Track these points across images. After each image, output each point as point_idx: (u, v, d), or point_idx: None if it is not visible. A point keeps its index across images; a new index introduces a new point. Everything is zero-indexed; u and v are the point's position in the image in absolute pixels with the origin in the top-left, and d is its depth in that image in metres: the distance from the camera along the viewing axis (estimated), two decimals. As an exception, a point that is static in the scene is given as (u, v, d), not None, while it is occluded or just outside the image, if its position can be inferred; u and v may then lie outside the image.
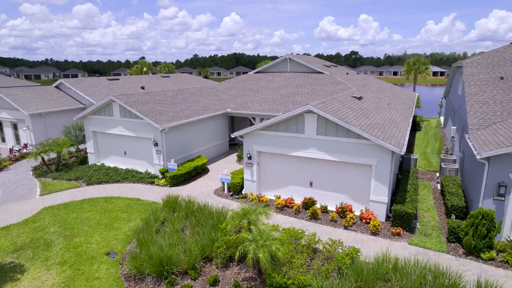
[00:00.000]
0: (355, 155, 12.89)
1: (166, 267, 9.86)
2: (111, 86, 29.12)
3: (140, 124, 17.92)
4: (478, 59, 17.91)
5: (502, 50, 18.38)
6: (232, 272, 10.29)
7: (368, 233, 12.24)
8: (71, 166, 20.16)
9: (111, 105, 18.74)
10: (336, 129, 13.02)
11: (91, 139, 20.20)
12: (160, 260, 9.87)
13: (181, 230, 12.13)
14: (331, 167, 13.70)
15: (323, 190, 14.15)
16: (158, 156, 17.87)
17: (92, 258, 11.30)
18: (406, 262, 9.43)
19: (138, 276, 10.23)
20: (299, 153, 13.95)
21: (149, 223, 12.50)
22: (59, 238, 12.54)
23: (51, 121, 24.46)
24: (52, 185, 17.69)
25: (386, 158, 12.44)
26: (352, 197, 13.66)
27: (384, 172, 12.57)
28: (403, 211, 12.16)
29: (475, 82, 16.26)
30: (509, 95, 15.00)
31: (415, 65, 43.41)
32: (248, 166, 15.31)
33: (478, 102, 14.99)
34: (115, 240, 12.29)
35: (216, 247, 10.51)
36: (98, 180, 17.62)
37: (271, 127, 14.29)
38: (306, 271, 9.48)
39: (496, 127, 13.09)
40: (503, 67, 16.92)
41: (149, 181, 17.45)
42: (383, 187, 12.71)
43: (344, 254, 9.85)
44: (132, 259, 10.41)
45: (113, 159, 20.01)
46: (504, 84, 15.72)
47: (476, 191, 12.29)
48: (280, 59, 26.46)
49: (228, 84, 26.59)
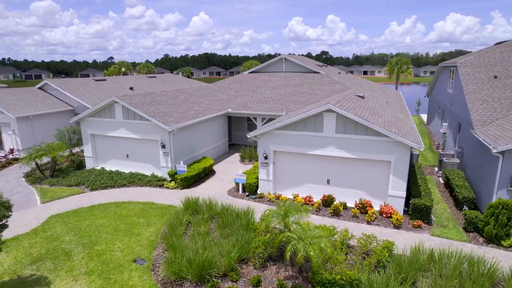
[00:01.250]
0: (374, 152, 13.31)
1: (207, 271, 9.70)
2: (99, 87, 27.95)
3: (145, 125, 17.41)
4: (471, 59, 19.04)
5: (490, 51, 19.65)
6: (271, 272, 10.31)
7: (391, 226, 12.70)
8: (67, 171, 19.18)
9: (112, 107, 18.05)
10: (356, 127, 13.38)
11: (88, 142, 19.34)
12: (200, 264, 9.70)
13: (208, 233, 11.97)
14: (348, 164, 14.05)
15: (340, 187, 14.48)
16: (165, 158, 17.44)
17: (120, 266, 10.88)
18: (441, 252, 9.91)
19: (175, 281, 9.98)
20: (317, 151, 14.19)
21: (174, 227, 12.21)
22: (78, 247, 11.95)
23: (39, 125, 23.11)
24: (52, 192, 16.76)
25: (404, 154, 12.95)
26: (369, 193, 14.08)
27: (403, 168, 13.08)
28: (422, 204, 12.73)
29: (471, 81, 17.29)
30: (504, 93, 16.10)
31: (397, 65, 45.43)
32: (264, 165, 15.34)
33: (478, 100, 15.97)
34: (139, 246, 11.90)
35: (254, 248, 10.48)
36: (103, 184, 16.93)
37: (289, 126, 14.42)
38: (348, 266, 9.70)
39: (500, 123, 14.02)
40: (494, 67, 18.11)
41: (158, 184, 17.00)
42: (401, 182, 13.22)
43: (381, 247, 10.17)
44: (168, 265, 10.15)
45: (113, 162, 19.27)
46: (498, 82, 16.84)
47: (487, 183, 13.09)
48: (275, 59, 26.64)
49: (224, 84, 26.40)
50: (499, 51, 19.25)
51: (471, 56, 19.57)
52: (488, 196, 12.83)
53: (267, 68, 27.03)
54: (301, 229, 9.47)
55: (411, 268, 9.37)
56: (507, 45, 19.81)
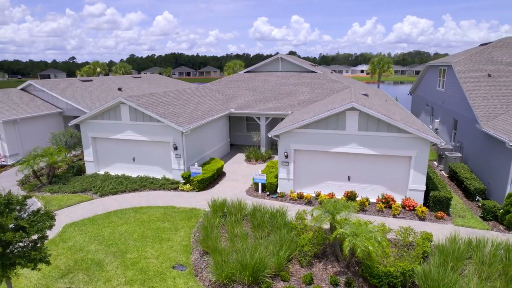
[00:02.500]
0: (395, 148, 13.82)
1: (262, 272, 9.61)
2: (87, 88, 26.53)
3: (155, 127, 16.82)
4: (463, 59, 20.31)
5: (479, 51, 21.07)
6: (318, 269, 10.41)
7: (416, 219, 13.27)
8: (66, 177, 18.05)
9: (118, 108, 17.25)
10: (378, 124, 13.82)
11: (90, 146, 18.34)
12: (255, 265, 9.58)
13: (246, 234, 11.83)
14: (370, 161, 14.48)
15: (361, 183, 14.88)
16: (177, 160, 16.96)
17: (159, 273, 10.47)
18: (478, 240, 10.52)
19: (226, 285, 9.78)
20: (339, 149, 14.48)
21: (207, 230, 11.93)
22: (108, 256, 11.34)
23: (26, 129, 21.53)
24: (57, 200, 15.72)
25: (425, 150, 13.58)
26: (389, 187, 14.60)
27: (423, 162, 13.71)
28: (442, 196, 13.43)
29: (469, 80, 18.46)
30: (500, 90, 17.36)
31: (379, 64, 47.41)
32: (284, 164, 15.40)
33: (478, 97, 17.08)
34: (173, 252, 11.51)
35: (301, 246, 10.52)
36: (113, 190, 16.14)
37: (310, 125, 14.58)
38: (396, 258, 10.03)
39: (504, 118, 15.11)
40: (486, 66, 19.46)
41: (172, 187, 16.49)
42: (421, 176, 13.85)
43: (422, 239, 10.62)
44: (218, 268, 9.92)
45: (117, 166, 18.42)
46: (493, 80, 18.12)
47: (498, 175, 14.05)
48: (271, 59, 26.76)
49: (221, 84, 26.09)
50: (488, 52, 20.70)
51: (462, 56, 20.88)
52: (500, 186, 13.78)
53: (263, 68, 27.09)
54: (353, 225, 9.65)
55: (453, 257, 9.87)
56: (493, 46, 21.35)
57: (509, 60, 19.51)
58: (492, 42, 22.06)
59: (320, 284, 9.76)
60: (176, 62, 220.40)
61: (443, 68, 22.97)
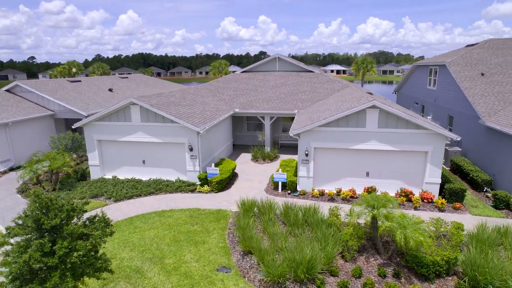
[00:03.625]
0: (413, 144, 14.45)
1: (315, 269, 9.71)
2: (77, 88, 25.21)
3: (169, 128, 16.38)
4: (456, 59, 21.58)
5: (468, 52, 22.46)
6: (362, 262, 10.69)
7: (436, 210, 13.97)
8: (69, 183, 17.07)
9: (128, 109, 16.62)
10: (397, 122, 14.38)
11: (95, 149, 17.50)
12: (309, 263, 9.67)
13: (286, 233, 11.88)
14: (388, 156, 15.03)
15: (379, 179, 15.40)
16: (193, 161, 16.63)
17: (205, 277, 10.27)
18: (505, 227, 11.29)
19: (277, 284, 9.79)
20: (359, 146, 14.90)
21: (244, 230, 11.84)
22: (145, 263, 10.94)
23: (17, 133, 20.09)
24: (68, 207, 14.86)
25: (441, 145, 14.32)
26: (406, 181, 15.23)
27: (439, 157, 14.45)
28: (458, 188, 14.24)
29: (464, 78, 19.66)
30: (495, 88, 18.66)
31: (363, 64, 49.00)
32: (304, 163, 15.60)
33: (476, 95, 18.25)
34: (213, 255, 11.32)
35: (345, 241, 10.75)
36: (128, 194, 15.52)
37: (331, 123, 14.88)
38: (436, 247, 10.52)
39: (504, 114, 16.27)
40: (477, 66, 20.82)
41: (189, 189, 16.14)
42: (437, 170, 14.59)
43: (455, 228, 11.22)
44: (268, 268, 9.89)
45: (126, 170, 17.72)
46: (486, 79, 19.43)
47: (504, 167, 15.10)
48: (268, 59, 26.87)
49: (219, 84, 25.81)
50: (476, 52, 22.14)
51: (455, 56, 22.17)
52: (507, 177, 14.84)
53: (260, 68, 27.14)
54: (398, 218, 10.01)
55: (488, 244, 10.54)
56: (480, 47, 22.86)
57: (497, 60, 21.01)
58: (478, 43, 23.62)
59: (369, 276, 10.03)
60: (145, 62, 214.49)
61: (434, 67, 24.27)
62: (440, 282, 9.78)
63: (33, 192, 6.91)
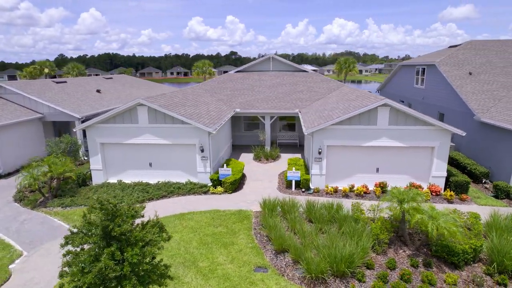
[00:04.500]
0: (421, 140, 15.16)
1: (354, 263, 9.96)
2: (64, 90, 23.90)
3: (179, 129, 16.03)
4: (444, 59, 22.83)
5: (454, 52, 23.82)
6: (392, 254, 11.07)
7: (445, 202, 14.73)
8: (70, 190, 16.21)
9: (134, 110, 16.07)
10: (406, 119, 15.02)
11: (98, 153, 16.74)
12: (349, 258, 9.90)
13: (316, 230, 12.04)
14: (397, 152, 15.65)
15: (388, 174, 15.99)
16: (203, 163, 16.38)
17: (245, 278, 10.21)
18: (516, 215, 12.15)
19: (317, 279, 9.93)
20: (370, 143, 15.40)
21: (273, 229, 11.88)
22: (178, 267, 10.69)
23: (4, 138, 18.74)
24: (78, 215, 14.12)
25: (446, 140, 15.14)
26: (413, 176, 15.93)
27: (445, 152, 15.26)
28: (463, 181, 15.13)
29: (455, 77, 20.86)
30: (483, 86, 19.96)
31: (345, 64, 50.28)
32: (317, 160, 15.86)
33: (468, 93, 19.44)
34: (246, 255, 11.26)
35: (376, 234, 11.09)
36: (140, 199, 15.01)
37: (343, 121, 15.26)
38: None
39: (497, 110, 17.46)
40: (464, 66, 22.15)
41: (201, 191, 15.88)
42: (443, 164, 15.41)
43: (473, 218, 11.93)
44: (309, 265, 10.01)
45: (131, 174, 17.11)
46: (474, 78, 20.74)
47: (501, 159, 16.21)
48: (262, 59, 26.95)
49: (213, 84, 25.53)
50: (461, 53, 23.55)
51: (442, 56, 23.45)
52: (503, 169, 15.95)
53: (254, 67, 27.16)
54: (429, 211, 10.50)
55: (507, 230, 11.30)
56: (463, 48, 24.34)
57: (481, 60, 22.48)
58: (461, 44, 25.13)
59: (403, 267, 10.43)
60: (111, 62, 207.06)
61: (421, 67, 25.52)
62: (468, 269, 10.37)
63: (96, 199, 6.57)
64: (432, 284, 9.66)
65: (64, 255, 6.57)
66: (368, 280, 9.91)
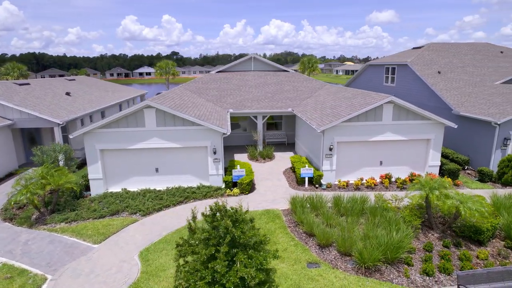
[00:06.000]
0: (420, 133, 16.61)
1: (403, 249, 10.66)
2: (32, 93, 21.23)
3: (190, 131, 15.42)
4: (414, 59, 25.08)
5: (420, 53, 26.29)
6: (423, 238, 12.05)
7: (444, 188, 16.32)
8: (68, 203, 14.59)
9: (141, 113, 15.06)
10: (407, 114, 16.33)
11: (97, 160, 15.34)
12: (400, 246, 10.56)
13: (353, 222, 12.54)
14: (398, 145, 16.92)
15: (391, 166, 17.21)
16: (216, 165, 15.96)
17: (303, 275, 10.30)
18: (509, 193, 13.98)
19: (371, 268, 10.44)
20: (376, 138, 16.44)
21: (311, 226, 12.15)
22: (231, 272, 10.39)
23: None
24: (92, 229, 12.80)
25: (441, 132, 16.79)
26: (412, 166, 17.37)
27: (439, 143, 16.90)
28: (455, 168, 16.93)
29: (427, 76, 23.08)
30: (452, 84, 22.41)
31: (309, 64, 51.77)
32: (328, 157, 16.46)
33: (442, 89, 21.66)
34: (293, 253, 11.32)
35: (409, 221, 11.96)
36: (156, 206, 14.14)
37: (353, 118, 16.06)
38: (478, 217, 12.50)
39: (471, 104, 19.76)
40: (431, 65, 24.60)
41: (217, 194, 15.46)
42: (438, 154, 17.06)
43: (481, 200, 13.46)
44: (361, 254, 10.45)
45: (135, 181, 15.98)
46: (443, 76, 23.16)
47: (481, 148, 18.39)
48: (244, 59, 26.81)
49: (198, 84, 24.76)
50: (426, 54, 26.11)
51: (413, 57, 25.72)
52: (482, 156, 18.14)
53: (235, 68, 26.95)
54: (457, 195, 11.65)
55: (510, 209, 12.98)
56: (426, 49, 26.99)
57: (445, 60, 25.19)
58: (424, 46, 27.85)
59: (437, 248, 11.44)
60: (38, 63, 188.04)
61: (391, 66, 27.70)
62: (490, 244, 11.73)
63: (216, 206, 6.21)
64: (469, 260, 10.74)
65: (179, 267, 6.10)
66: (415, 263, 10.68)
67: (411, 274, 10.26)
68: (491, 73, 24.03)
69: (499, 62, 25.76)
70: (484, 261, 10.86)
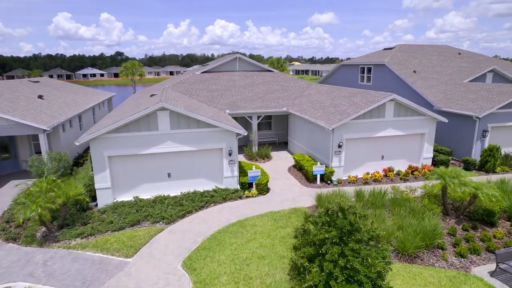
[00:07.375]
0: (417, 127, 17.92)
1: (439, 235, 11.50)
2: (3, 96, 18.77)
3: (205, 133, 14.93)
4: (391, 59, 26.86)
5: (393, 53, 28.20)
6: (442, 224, 13.10)
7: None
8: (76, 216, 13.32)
9: (153, 116, 14.24)
10: (406, 111, 17.52)
11: (105, 168, 14.17)
12: (434, 232, 11.37)
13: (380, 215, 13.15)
14: (398, 140, 18.07)
15: (391, 159, 18.32)
16: (231, 167, 15.65)
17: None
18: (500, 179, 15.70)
19: (411, 255, 11.09)
20: (379, 134, 17.39)
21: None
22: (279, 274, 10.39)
23: None
24: (117, 242, 11.84)
25: (433, 127, 18.28)
26: (408, 159, 18.67)
27: (432, 137, 18.39)
28: (446, 159, 18.59)
29: (405, 75, 24.87)
30: (427, 82, 24.43)
31: (278, 64, 52.23)
32: (338, 154, 17.02)
33: (422, 87, 23.51)
34: (334, 248, 11.64)
35: (430, 209, 12.91)
36: (179, 214, 13.47)
37: (359, 116, 16.81)
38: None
39: (450, 101, 21.73)
40: (406, 65, 26.56)
41: (236, 195, 15.16)
42: (431, 147, 18.55)
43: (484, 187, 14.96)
44: (403, 243, 11.06)
45: (145, 188, 15.05)
46: (419, 75, 25.15)
47: (463, 139, 20.32)
48: (229, 59, 26.46)
49: (185, 86, 23.86)
50: (399, 54, 28.10)
51: (389, 57, 27.50)
52: (464, 147, 20.09)
53: (220, 68, 26.51)
54: (473, 183, 12.84)
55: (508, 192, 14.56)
56: (397, 50, 29.05)
57: (416, 60, 27.36)
58: (395, 47, 29.94)
59: (459, 232, 12.51)
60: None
61: (366, 66, 29.34)
62: (500, 225, 13.11)
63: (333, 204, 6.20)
64: (490, 240, 11.91)
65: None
66: (447, 247, 11.58)
67: (448, 257, 11.11)
68: (456, 73, 26.66)
69: (459, 63, 28.67)
70: (501, 240, 12.12)
